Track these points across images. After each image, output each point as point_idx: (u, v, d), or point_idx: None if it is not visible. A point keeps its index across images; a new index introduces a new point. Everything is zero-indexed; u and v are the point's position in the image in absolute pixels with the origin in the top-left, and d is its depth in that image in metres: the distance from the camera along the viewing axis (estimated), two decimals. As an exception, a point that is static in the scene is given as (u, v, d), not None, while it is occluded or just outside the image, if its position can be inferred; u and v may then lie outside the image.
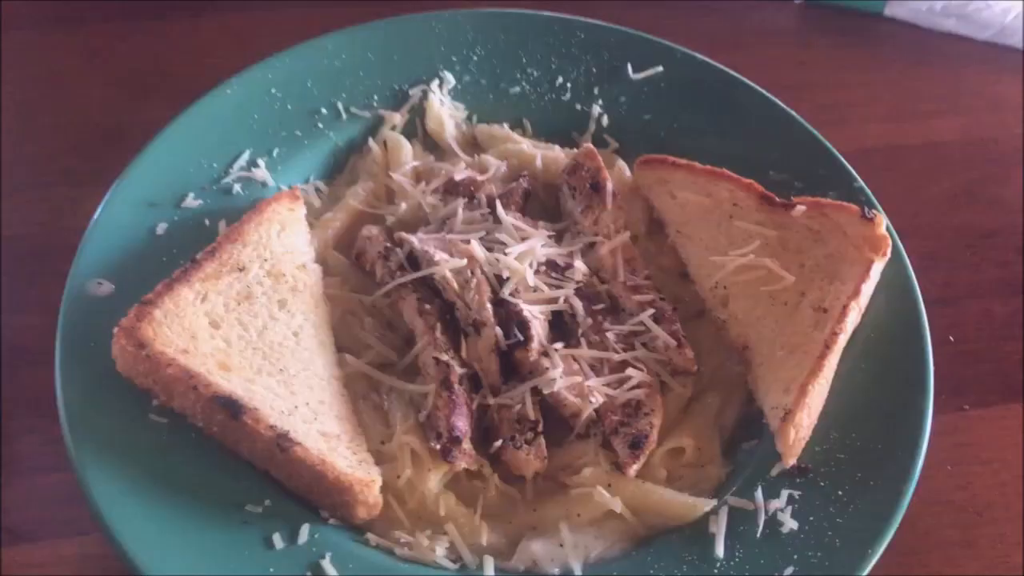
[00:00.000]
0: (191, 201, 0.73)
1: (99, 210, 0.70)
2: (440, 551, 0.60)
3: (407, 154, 0.79)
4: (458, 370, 0.66)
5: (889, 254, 0.70)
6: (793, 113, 0.81)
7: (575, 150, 0.79)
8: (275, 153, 0.77)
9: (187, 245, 0.70)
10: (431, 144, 0.81)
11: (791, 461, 0.63)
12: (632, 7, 0.93)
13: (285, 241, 0.71)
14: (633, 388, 0.65)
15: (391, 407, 0.66)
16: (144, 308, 0.63)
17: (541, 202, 0.78)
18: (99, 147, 0.85)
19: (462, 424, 0.63)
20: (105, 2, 0.97)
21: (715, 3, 1.02)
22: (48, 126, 0.87)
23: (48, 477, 0.68)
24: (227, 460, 0.61)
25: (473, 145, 0.82)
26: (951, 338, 0.79)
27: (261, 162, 0.76)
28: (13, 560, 0.65)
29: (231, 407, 0.60)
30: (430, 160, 0.80)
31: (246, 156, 0.76)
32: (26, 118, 0.87)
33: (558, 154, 0.79)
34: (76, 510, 0.66)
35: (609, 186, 0.74)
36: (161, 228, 0.71)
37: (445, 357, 0.66)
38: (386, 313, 0.71)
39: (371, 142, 0.80)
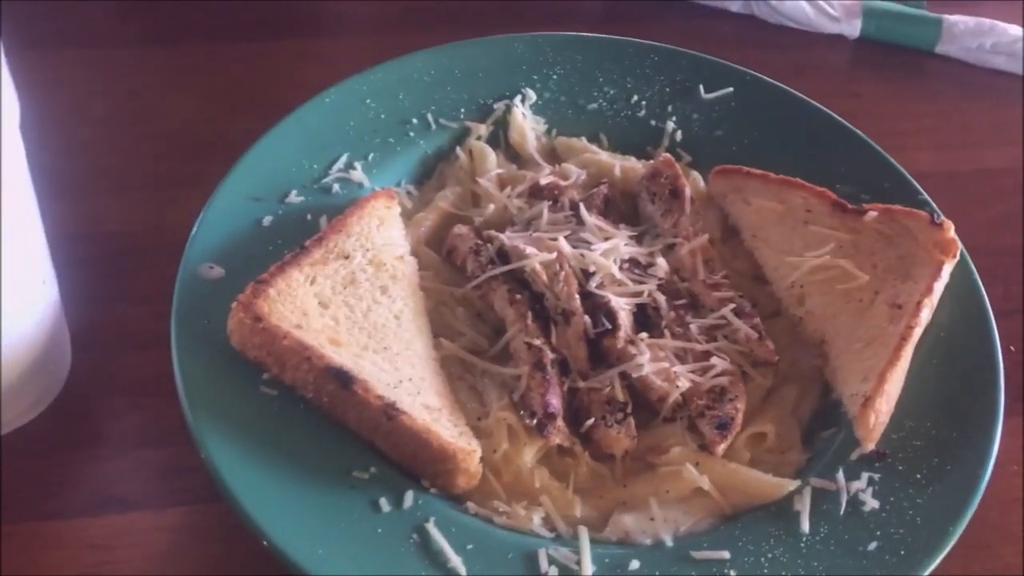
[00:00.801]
0: (294, 197, 0.77)
1: (209, 202, 0.75)
2: (536, 520, 0.63)
3: (492, 162, 0.83)
4: (549, 354, 0.69)
5: (958, 256, 0.73)
6: (858, 132, 0.86)
7: (652, 161, 0.84)
8: (370, 157, 0.82)
9: (291, 236, 0.74)
10: (513, 154, 0.86)
11: (870, 446, 0.66)
12: (692, 42, 0.98)
13: (384, 234, 0.75)
14: (717, 376, 0.69)
15: (485, 389, 0.69)
16: (259, 286, 0.67)
17: (619, 209, 0.82)
18: (194, 154, 0.90)
19: (556, 401, 0.66)
20: (196, 25, 1.03)
21: (772, 39, 1.08)
22: (147, 135, 0.92)
23: (152, 451, 0.72)
24: (334, 430, 0.65)
25: (553, 156, 0.86)
26: (1012, 348, 0.82)
27: (358, 165, 0.81)
28: (123, 527, 0.68)
29: (342, 378, 0.63)
30: (513, 168, 0.84)
31: (344, 159, 0.81)
32: (127, 127, 0.92)
33: (635, 164, 0.84)
34: (179, 481, 0.70)
35: (687, 192, 0.79)
36: (267, 220, 0.75)
37: (537, 342, 0.69)
38: (476, 305, 0.74)
39: (458, 150, 0.84)
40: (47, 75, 0.73)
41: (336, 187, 0.79)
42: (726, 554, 0.61)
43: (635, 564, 0.61)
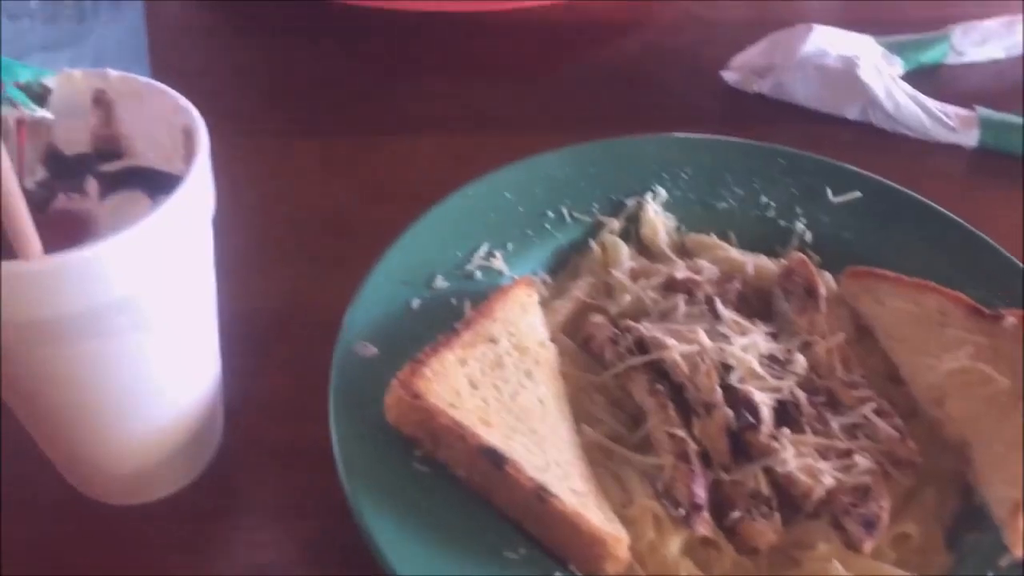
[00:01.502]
0: (440, 282, 0.81)
1: (363, 285, 0.79)
2: (683, 609, 0.64)
3: (624, 255, 0.86)
4: (692, 445, 0.70)
5: (1103, 365, 0.73)
6: (986, 238, 0.87)
7: (782, 260, 0.86)
8: (509, 247, 0.85)
9: (438, 319, 0.77)
10: (644, 248, 0.89)
11: (1020, 552, 0.65)
12: (810, 147, 1.00)
13: (526, 320, 0.78)
14: (861, 474, 0.69)
15: (627, 477, 0.70)
16: (416, 365, 0.70)
17: (751, 305, 0.84)
18: (338, 239, 0.95)
19: (702, 492, 0.67)
20: (340, 120, 1.10)
21: (889, 146, 1.10)
22: (293, 219, 0.97)
23: (299, 522, 0.74)
24: (484, 510, 0.66)
25: (683, 251, 0.89)
26: None
27: (498, 254, 0.84)
28: (269, 594, 0.70)
29: (495, 458, 0.65)
30: (644, 262, 0.87)
31: (485, 248, 0.85)
32: (274, 211, 0.98)
33: (766, 262, 0.86)
34: (325, 553, 0.72)
35: (822, 291, 0.80)
36: (415, 303, 0.79)
37: (680, 433, 0.71)
38: (614, 393, 0.76)
39: (592, 243, 0.88)
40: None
41: (478, 274, 0.83)
42: (876, 654, 0.61)
43: (785, 660, 0.61)
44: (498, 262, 0.84)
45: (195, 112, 0.62)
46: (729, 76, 1.16)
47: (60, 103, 0.65)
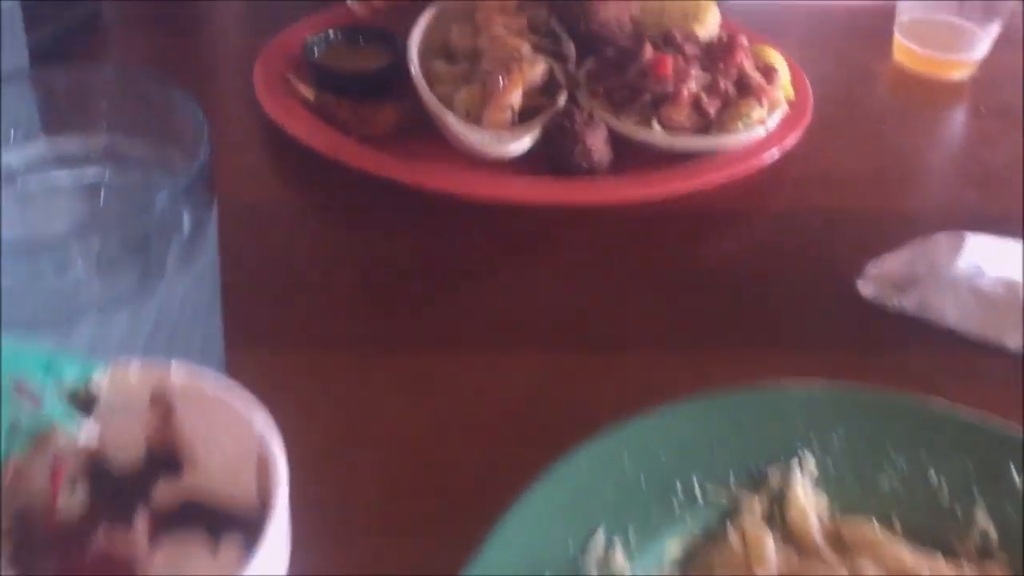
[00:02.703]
0: (549, 586, 0.67)
1: (459, 591, 0.65)
2: None
3: (770, 550, 0.71)
4: None
5: None
6: None
7: (963, 561, 0.70)
8: (630, 533, 0.71)
9: (549, 644, 0.63)
10: (789, 534, 0.74)
11: None
12: (957, 379, 0.87)
13: (660, 655, 0.63)
14: None
15: None
16: None
17: (929, 628, 0.68)
18: (422, 486, 0.81)
19: None
20: (417, 330, 0.97)
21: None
22: (370, 455, 0.83)
23: None
24: None
25: (838, 541, 0.74)
26: None
27: (618, 543, 0.70)
28: None
29: None
30: (792, 557, 0.72)
31: (602, 535, 0.70)
32: (350, 444, 0.84)
33: (942, 567, 0.70)
34: None
35: (1026, 625, 0.65)
36: (522, 619, 0.65)
37: None
38: None
39: (730, 531, 0.73)
40: (267, 377, 0.66)
41: (594, 573, 0.69)
42: None
43: None
44: (618, 558, 0.69)
45: (274, 441, 0.50)
46: (864, 287, 1.01)
47: (110, 402, 0.53)
